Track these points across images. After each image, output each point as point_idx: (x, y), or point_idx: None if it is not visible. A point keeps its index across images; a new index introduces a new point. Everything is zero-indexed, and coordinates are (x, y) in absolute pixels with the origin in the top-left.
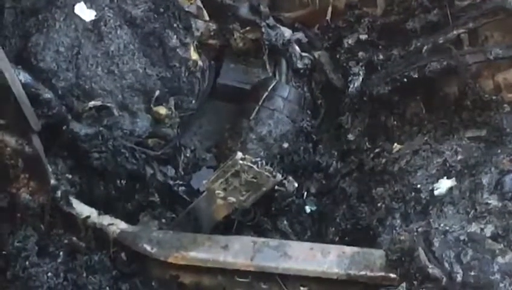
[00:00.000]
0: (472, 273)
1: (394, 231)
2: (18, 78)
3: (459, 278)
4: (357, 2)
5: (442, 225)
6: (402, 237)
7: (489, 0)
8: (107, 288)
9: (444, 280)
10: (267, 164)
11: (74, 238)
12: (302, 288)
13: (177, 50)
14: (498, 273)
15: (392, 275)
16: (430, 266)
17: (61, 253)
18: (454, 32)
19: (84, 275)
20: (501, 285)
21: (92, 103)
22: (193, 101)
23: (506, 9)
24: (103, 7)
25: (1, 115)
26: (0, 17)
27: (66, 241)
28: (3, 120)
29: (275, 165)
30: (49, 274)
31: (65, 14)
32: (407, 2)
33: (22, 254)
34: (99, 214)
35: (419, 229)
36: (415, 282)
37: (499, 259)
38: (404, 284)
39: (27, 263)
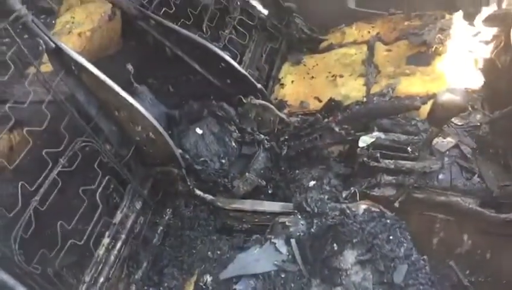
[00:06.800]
0: (319, 209)
1: (298, 196)
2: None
3: (316, 210)
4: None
5: (314, 192)
6: (298, 196)
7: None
8: (208, 217)
9: (310, 211)
10: (257, 178)
11: (197, 202)
12: (268, 216)
13: (231, 143)
14: (329, 210)
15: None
16: (305, 206)
17: (191, 207)
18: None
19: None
20: (331, 213)
21: (201, 159)
22: (232, 158)
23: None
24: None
25: (170, 162)
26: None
27: (195, 202)
28: (173, 164)
29: (261, 179)
30: (191, 215)
31: (190, 132)
32: (303, 126)
33: (179, 209)
34: (204, 194)
35: (304, 196)
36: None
37: (330, 204)
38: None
39: (182, 211)
